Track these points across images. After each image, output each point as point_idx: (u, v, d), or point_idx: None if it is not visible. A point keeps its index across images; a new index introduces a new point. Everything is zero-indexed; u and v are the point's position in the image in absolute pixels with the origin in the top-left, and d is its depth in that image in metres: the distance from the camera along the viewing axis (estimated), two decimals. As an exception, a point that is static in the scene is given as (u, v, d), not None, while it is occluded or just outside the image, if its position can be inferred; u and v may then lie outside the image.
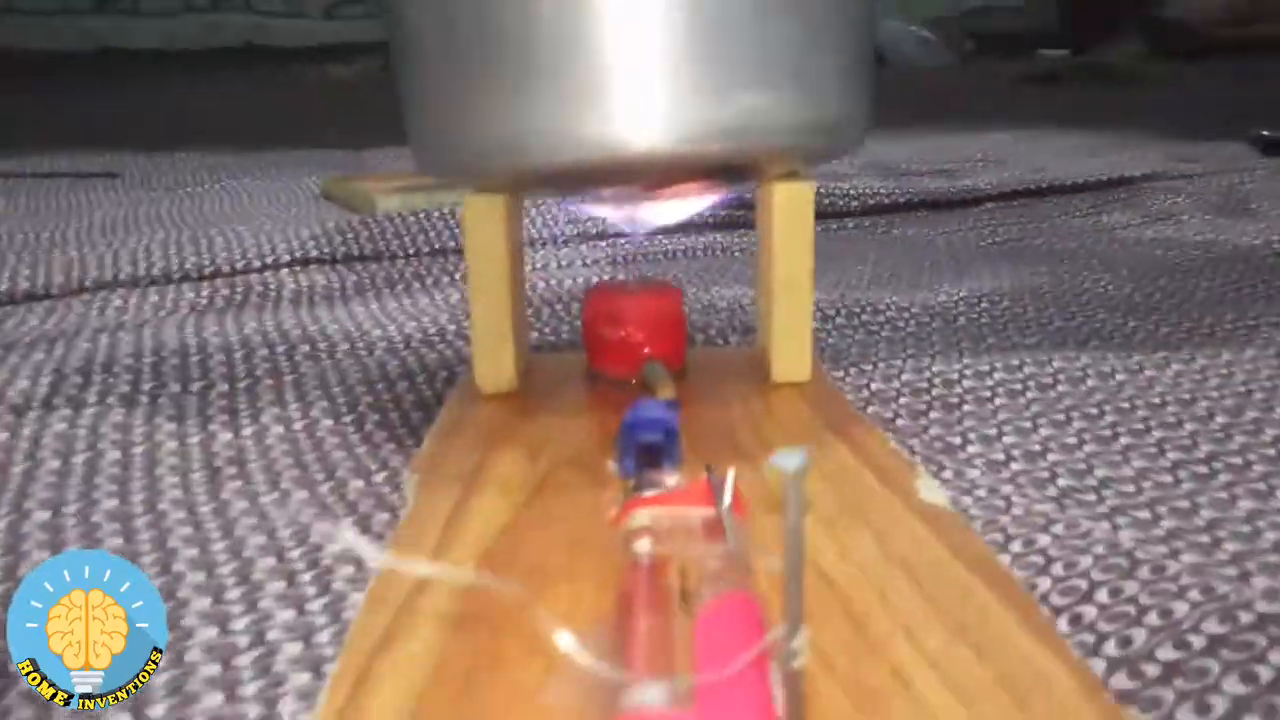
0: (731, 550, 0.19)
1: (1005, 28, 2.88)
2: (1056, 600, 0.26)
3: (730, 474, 0.22)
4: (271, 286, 0.59)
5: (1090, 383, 0.40)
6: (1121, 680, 0.22)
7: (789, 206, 0.32)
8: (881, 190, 0.84)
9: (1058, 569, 0.27)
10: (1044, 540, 0.28)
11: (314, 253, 0.63)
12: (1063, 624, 0.25)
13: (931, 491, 0.26)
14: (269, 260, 0.61)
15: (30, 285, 0.55)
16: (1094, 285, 0.59)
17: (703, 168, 0.28)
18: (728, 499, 0.21)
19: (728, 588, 0.18)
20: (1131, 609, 0.25)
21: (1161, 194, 0.90)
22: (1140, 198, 0.89)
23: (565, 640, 0.14)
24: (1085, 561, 0.27)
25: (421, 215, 0.71)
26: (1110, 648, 0.23)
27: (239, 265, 0.60)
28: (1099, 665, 0.23)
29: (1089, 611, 0.25)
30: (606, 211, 0.34)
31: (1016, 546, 0.28)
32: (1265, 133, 1.09)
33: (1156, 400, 0.39)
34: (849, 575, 0.21)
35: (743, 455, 0.29)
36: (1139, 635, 0.24)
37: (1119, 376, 0.41)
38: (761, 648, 0.15)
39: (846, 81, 0.28)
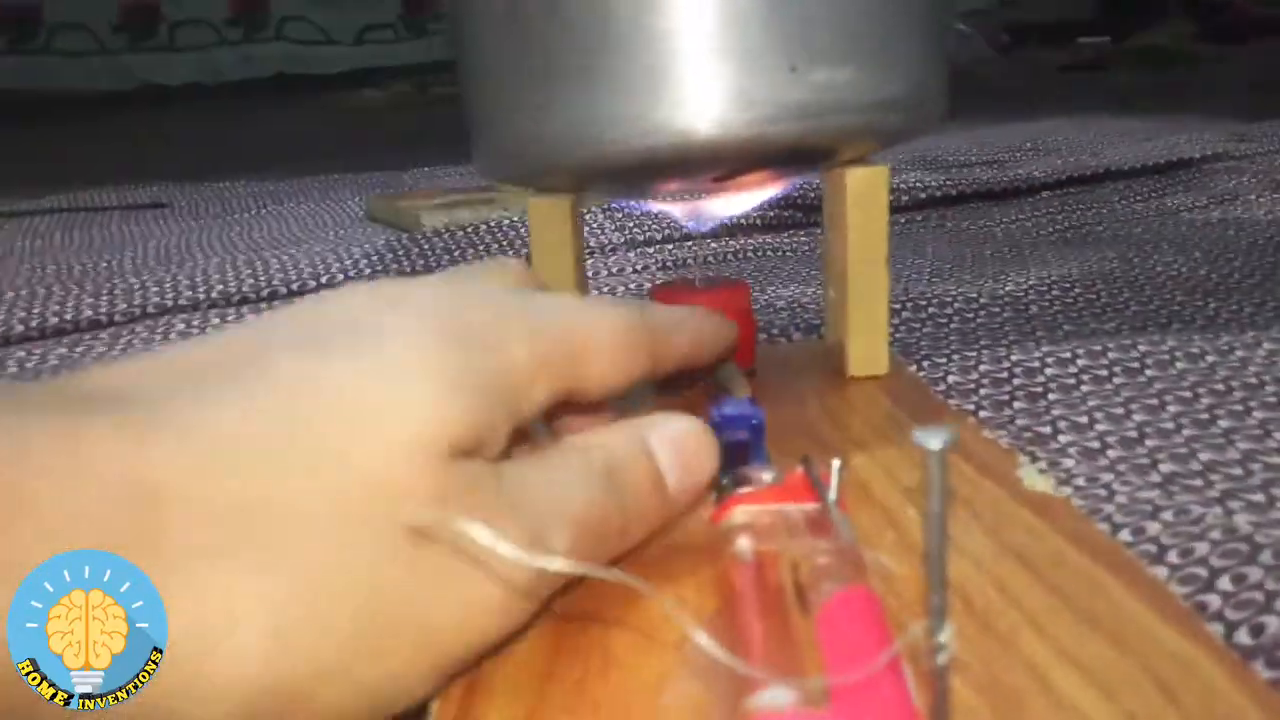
0: (843, 544, 0.18)
1: (1041, 18, 2.84)
2: (1176, 589, 0.24)
3: (836, 464, 0.21)
4: (328, 304, 0.58)
5: (1180, 365, 0.39)
6: (1260, 669, 0.21)
7: (863, 192, 0.31)
8: (933, 183, 0.82)
9: (1173, 557, 0.25)
10: (1154, 528, 0.27)
11: (367, 270, 0.63)
12: (1187, 614, 0.23)
13: (1035, 479, 0.25)
14: (324, 280, 0.61)
15: (93, 313, 0.55)
16: (1167, 268, 0.57)
17: (775, 152, 0.27)
18: (834, 491, 0.20)
19: (845, 583, 0.17)
20: (1259, 595, 0.23)
21: (1224, 175, 0.87)
22: (1203, 179, 0.86)
23: (701, 637, 0.13)
24: (1202, 548, 0.25)
25: (469, 229, 0.70)
26: (1243, 636, 0.22)
27: (295, 286, 0.60)
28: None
29: (1213, 600, 0.23)
30: (668, 207, 0.33)
31: (1125, 535, 0.26)
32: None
33: (1253, 380, 0.37)
34: (963, 571, 0.20)
35: (827, 450, 0.28)
36: (1272, 623, 0.22)
37: (1209, 358, 0.39)
38: (900, 644, 0.14)
39: (927, 53, 0.27)
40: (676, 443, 0.21)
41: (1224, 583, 0.24)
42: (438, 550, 0.16)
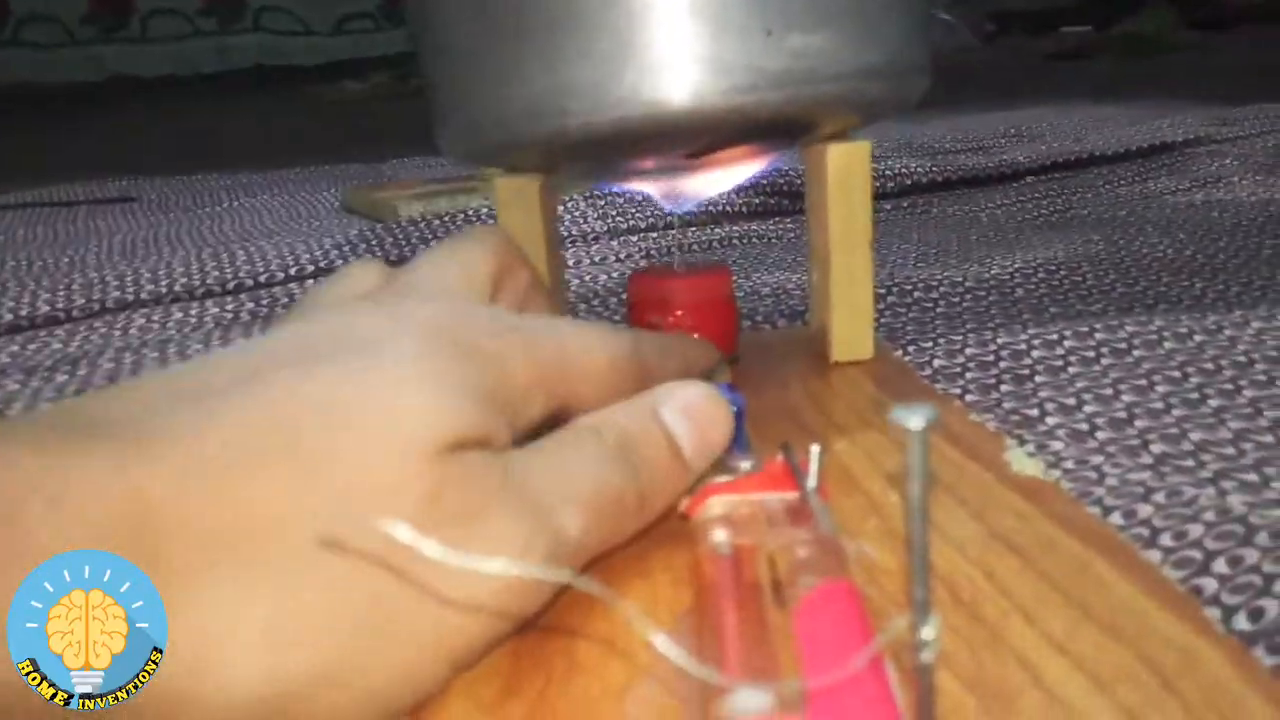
0: (823, 535, 0.17)
1: (1024, 7, 2.84)
2: (1171, 573, 0.23)
3: (815, 450, 0.20)
4: (298, 296, 0.57)
5: (1168, 345, 0.38)
6: (1261, 656, 0.20)
7: (844, 168, 0.30)
8: (918, 169, 0.81)
9: (1166, 539, 0.24)
10: (1146, 510, 0.26)
11: (339, 261, 0.61)
12: (1182, 599, 0.22)
13: (1023, 463, 0.24)
14: (293, 271, 0.60)
15: (50, 309, 0.53)
16: (1152, 250, 0.56)
17: (752, 124, 0.25)
18: (813, 479, 0.19)
19: (824, 576, 0.16)
20: (1257, 578, 0.22)
21: (1207, 158, 0.87)
22: (1185, 163, 0.86)
23: (661, 641, 0.12)
24: (1196, 530, 0.24)
25: (446, 218, 0.69)
26: (1241, 621, 0.21)
27: (263, 278, 0.59)
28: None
29: (1209, 584, 0.23)
30: (646, 187, 0.32)
31: (1117, 519, 0.26)
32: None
33: (1242, 359, 0.36)
34: (949, 557, 0.19)
35: (810, 435, 0.27)
36: (1272, 607, 0.21)
37: (1197, 337, 0.38)
38: (881, 641, 0.13)
39: (908, 23, 0.26)
40: (689, 410, 0.21)
41: (1220, 565, 0.23)
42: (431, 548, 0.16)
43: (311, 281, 0.60)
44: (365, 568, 0.16)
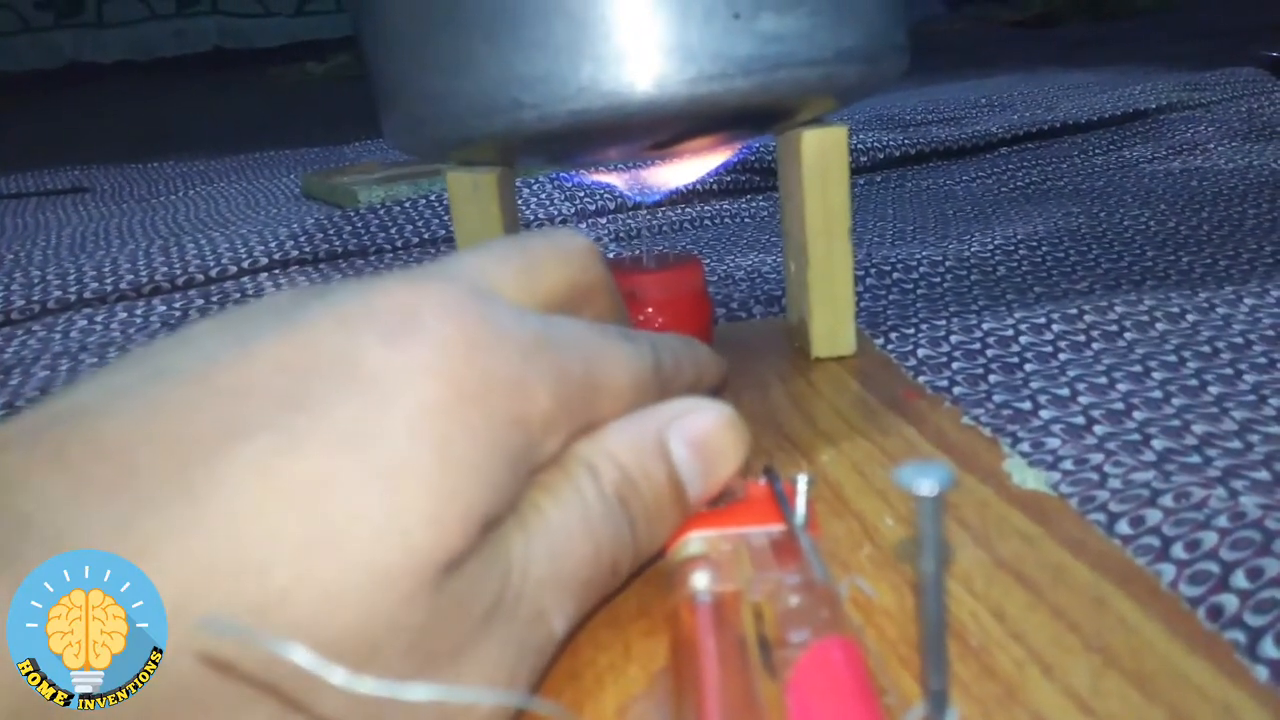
0: (814, 578, 0.15)
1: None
2: (1187, 590, 0.21)
3: (803, 481, 0.18)
4: (250, 292, 0.54)
5: (1160, 326, 0.36)
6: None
7: (820, 155, 0.28)
8: (890, 143, 0.79)
9: (1179, 551, 0.23)
10: (1154, 516, 0.24)
11: (294, 253, 0.59)
12: (1201, 618, 0.20)
13: (1024, 474, 0.22)
14: (245, 264, 0.57)
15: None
16: (1134, 222, 0.54)
17: (720, 113, 0.23)
18: (801, 512, 0.17)
19: (819, 632, 0.14)
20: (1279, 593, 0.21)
21: (1181, 124, 0.85)
22: (1160, 130, 0.85)
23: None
24: (1210, 539, 0.23)
25: (407, 204, 0.67)
26: (1269, 648, 0.19)
27: (213, 272, 0.56)
28: (1260, 672, 0.19)
29: (1229, 601, 0.21)
30: (610, 179, 0.30)
31: (1124, 527, 0.24)
32: (1275, 54, 1.04)
33: (1239, 340, 0.34)
34: (954, 592, 0.17)
35: (794, 445, 0.25)
36: (1298, 628, 0.20)
37: (1190, 317, 0.37)
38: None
39: (885, 0, 0.23)
40: (700, 443, 0.19)
41: (1239, 579, 0.21)
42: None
43: (265, 275, 0.57)
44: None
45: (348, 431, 0.14)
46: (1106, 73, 1.20)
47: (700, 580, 0.16)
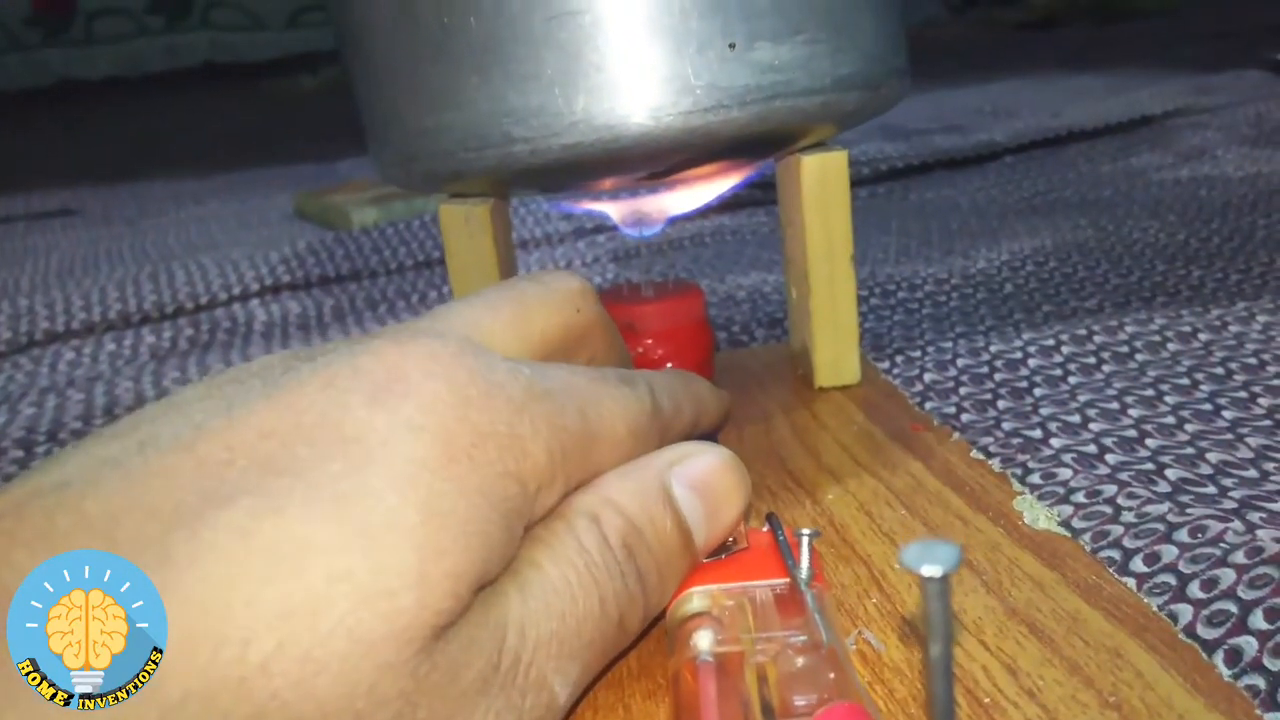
0: (820, 638, 0.15)
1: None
2: (1205, 633, 0.21)
3: (806, 537, 0.17)
4: (240, 320, 0.54)
5: (1172, 347, 0.36)
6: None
7: (820, 181, 0.27)
8: (894, 154, 0.79)
9: (1195, 589, 0.22)
10: (1170, 553, 0.23)
11: (285, 278, 0.58)
12: (1219, 663, 0.20)
13: (1036, 513, 0.22)
14: (236, 291, 0.56)
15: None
16: (1143, 235, 0.54)
17: (717, 144, 0.23)
18: (805, 567, 0.16)
19: (825, 696, 0.13)
20: (1300, 636, 0.20)
21: (1189, 130, 0.85)
22: (1168, 136, 0.84)
23: None
24: (1227, 576, 0.22)
25: (402, 226, 0.66)
26: (1292, 695, 0.19)
27: (203, 300, 0.55)
28: (1283, 722, 0.18)
29: (1248, 645, 0.20)
30: (606, 209, 0.30)
31: (1139, 565, 0.23)
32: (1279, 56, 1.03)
33: (1252, 360, 0.34)
34: (966, 647, 0.17)
35: (798, 483, 0.24)
36: (1321, 674, 0.19)
37: (1202, 336, 0.36)
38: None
39: (884, 23, 0.23)
40: (703, 485, 0.18)
41: (1257, 619, 0.21)
42: None
43: (255, 302, 0.57)
44: None
45: (330, 492, 0.14)
46: (1111, 76, 1.19)
47: (703, 640, 0.15)
